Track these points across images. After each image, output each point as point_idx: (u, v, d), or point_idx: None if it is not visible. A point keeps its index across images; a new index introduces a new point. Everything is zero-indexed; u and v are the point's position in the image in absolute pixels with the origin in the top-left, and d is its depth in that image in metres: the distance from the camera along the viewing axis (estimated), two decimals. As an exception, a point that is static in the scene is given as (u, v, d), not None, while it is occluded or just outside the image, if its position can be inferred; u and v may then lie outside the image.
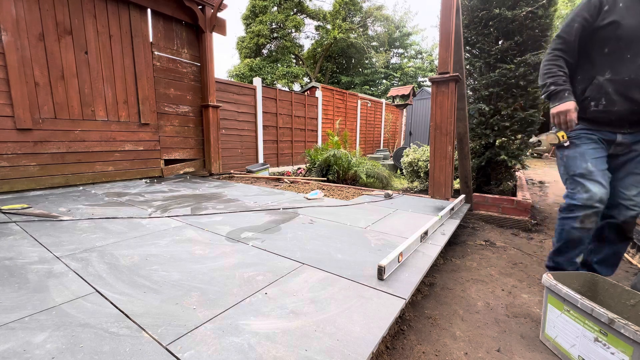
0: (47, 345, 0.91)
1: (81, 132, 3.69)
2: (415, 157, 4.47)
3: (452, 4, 2.80)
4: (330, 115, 9.60)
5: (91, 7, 3.66)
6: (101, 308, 1.11)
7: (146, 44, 4.22)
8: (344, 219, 2.34)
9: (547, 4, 3.24)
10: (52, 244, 1.75)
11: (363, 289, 1.27)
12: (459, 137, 3.19)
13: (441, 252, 2.15)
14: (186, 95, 4.77)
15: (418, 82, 21.36)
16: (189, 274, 1.39)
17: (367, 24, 20.22)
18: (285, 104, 7.79)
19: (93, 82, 3.75)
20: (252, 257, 1.60)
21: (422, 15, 52.58)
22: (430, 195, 3.16)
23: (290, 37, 18.61)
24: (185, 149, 4.86)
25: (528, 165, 4.05)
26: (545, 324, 1.34)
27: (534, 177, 6.94)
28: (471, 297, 1.73)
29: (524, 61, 3.31)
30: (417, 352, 1.27)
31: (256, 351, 0.90)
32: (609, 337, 1.05)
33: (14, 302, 1.14)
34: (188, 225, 2.16)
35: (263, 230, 2.05)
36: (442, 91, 2.94)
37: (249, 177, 4.92)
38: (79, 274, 1.38)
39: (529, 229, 2.98)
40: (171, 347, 0.91)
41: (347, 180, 5.06)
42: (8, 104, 3.14)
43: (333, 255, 1.63)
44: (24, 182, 3.31)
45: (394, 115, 13.17)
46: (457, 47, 2.95)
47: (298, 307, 1.13)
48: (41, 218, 2.26)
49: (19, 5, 3.14)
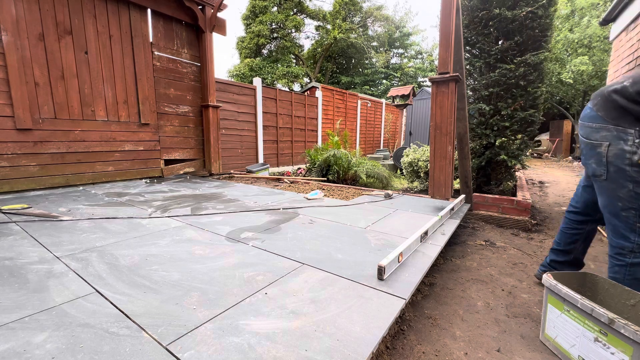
0: (47, 345, 0.91)
1: (81, 132, 3.69)
2: (415, 157, 4.47)
3: (452, 4, 2.80)
4: (330, 115, 9.60)
5: (91, 7, 3.66)
6: (101, 308, 1.11)
7: (146, 44, 4.22)
8: (344, 219, 2.34)
9: (547, 4, 3.24)
10: (52, 244, 1.75)
11: (363, 289, 1.27)
12: (459, 137, 3.19)
13: (441, 252, 2.15)
14: (186, 95, 4.77)
15: (418, 82, 21.36)
16: (189, 274, 1.39)
17: (367, 24, 20.22)
18: (285, 104, 7.79)
19: (93, 82, 3.75)
20: (252, 257, 1.60)
21: (422, 15, 52.61)
22: (430, 195, 3.16)
23: (290, 37, 18.60)
24: (185, 149, 4.86)
25: (528, 165, 4.06)
26: (545, 324, 1.34)
27: (534, 177, 6.94)
28: (471, 297, 1.73)
29: (524, 61, 3.31)
30: (417, 352, 1.27)
31: (256, 351, 0.90)
32: (609, 337, 1.05)
33: (14, 302, 1.14)
34: (188, 225, 2.16)
35: (263, 230, 2.05)
36: (442, 91, 2.94)
37: (249, 177, 4.92)
38: (79, 274, 1.38)
39: (529, 229, 2.98)
40: (171, 347, 0.91)
41: (347, 180, 5.06)
42: (8, 104, 3.14)
43: (333, 255, 1.63)
44: (24, 182, 3.31)
45: (394, 115, 13.17)
46: (457, 47, 2.95)
47: (298, 307, 1.13)
48: (41, 218, 2.26)
49: (19, 5, 3.14)
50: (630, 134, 1.25)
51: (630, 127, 1.25)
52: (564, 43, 10.68)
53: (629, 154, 1.25)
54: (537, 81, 3.38)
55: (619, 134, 1.27)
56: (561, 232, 1.80)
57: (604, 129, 1.33)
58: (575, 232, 1.73)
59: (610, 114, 1.32)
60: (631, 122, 1.25)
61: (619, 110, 1.30)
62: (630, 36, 3.56)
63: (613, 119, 1.31)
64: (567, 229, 1.76)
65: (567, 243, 1.76)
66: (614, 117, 1.31)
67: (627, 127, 1.26)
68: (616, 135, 1.29)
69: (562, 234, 1.79)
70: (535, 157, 12.36)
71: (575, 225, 1.73)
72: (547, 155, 12.66)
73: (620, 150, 1.27)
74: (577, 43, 10.55)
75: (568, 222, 1.77)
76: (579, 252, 1.77)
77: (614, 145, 1.29)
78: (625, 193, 1.30)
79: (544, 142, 13.24)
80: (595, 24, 10.08)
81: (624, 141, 1.26)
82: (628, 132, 1.25)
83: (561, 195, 4.85)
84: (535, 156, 12.66)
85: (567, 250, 1.77)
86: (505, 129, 3.54)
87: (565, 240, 1.77)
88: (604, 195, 1.41)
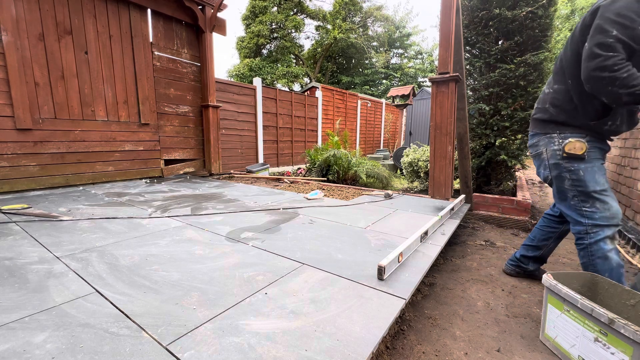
0: (47, 345, 0.91)
1: (81, 132, 3.69)
2: (415, 157, 4.47)
3: (452, 4, 2.80)
4: (330, 115, 9.60)
5: (91, 7, 3.66)
6: (101, 308, 1.11)
7: (146, 44, 4.22)
8: (344, 219, 2.34)
9: (547, 4, 3.24)
10: (52, 244, 1.75)
11: (363, 289, 1.27)
12: (459, 137, 3.19)
13: (441, 252, 2.15)
14: (186, 95, 4.77)
15: (418, 83, 21.37)
16: (189, 274, 1.39)
17: (367, 24, 20.21)
18: (285, 104, 7.79)
19: (93, 82, 3.75)
20: (252, 257, 1.60)
21: (422, 15, 52.58)
22: (430, 195, 3.16)
23: (290, 37, 18.60)
24: (185, 149, 4.86)
25: (528, 165, 4.06)
26: (545, 324, 1.34)
27: (534, 177, 6.94)
28: (471, 297, 1.73)
29: (524, 61, 3.31)
30: (417, 352, 1.27)
31: (256, 351, 0.90)
32: (609, 337, 1.05)
33: (14, 302, 1.14)
34: (188, 225, 2.16)
35: (263, 230, 2.05)
36: (442, 91, 2.94)
37: (249, 177, 4.92)
38: (79, 274, 1.38)
39: (529, 229, 2.98)
40: (171, 347, 0.91)
41: (347, 180, 5.06)
42: (8, 104, 3.14)
43: (333, 255, 1.63)
44: (24, 182, 3.31)
45: (394, 115, 13.17)
46: (457, 47, 2.95)
47: (298, 307, 1.13)
48: (41, 218, 2.26)
49: (19, 5, 3.14)
50: (555, 137, 1.59)
51: (553, 132, 1.60)
52: (564, 43, 10.69)
53: (558, 151, 1.57)
54: (537, 81, 3.38)
55: (549, 139, 1.62)
56: (537, 229, 1.92)
57: (540, 140, 1.68)
58: (551, 230, 1.86)
59: (539, 128, 1.69)
60: (553, 128, 1.61)
61: (542, 124, 1.67)
62: (630, 36, 3.55)
63: (541, 130, 1.67)
64: (543, 227, 1.89)
65: (541, 240, 1.89)
66: (541, 129, 1.67)
67: (552, 132, 1.61)
68: (547, 141, 1.63)
69: (537, 230, 1.92)
70: (535, 157, 12.34)
71: (552, 224, 1.86)
72: (547, 155, 12.63)
73: (552, 150, 1.60)
74: (577, 43, 10.53)
75: (545, 221, 1.90)
76: (548, 250, 1.90)
77: (548, 148, 1.62)
78: (567, 183, 1.56)
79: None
80: (595, 24, 10.05)
81: (553, 143, 1.60)
82: (553, 136, 1.60)
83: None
84: (535, 156, 12.64)
85: (539, 246, 1.89)
86: (505, 129, 3.54)
87: (540, 237, 1.89)
88: (558, 194, 1.65)
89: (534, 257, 1.92)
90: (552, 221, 1.86)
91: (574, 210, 1.56)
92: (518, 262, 1.97)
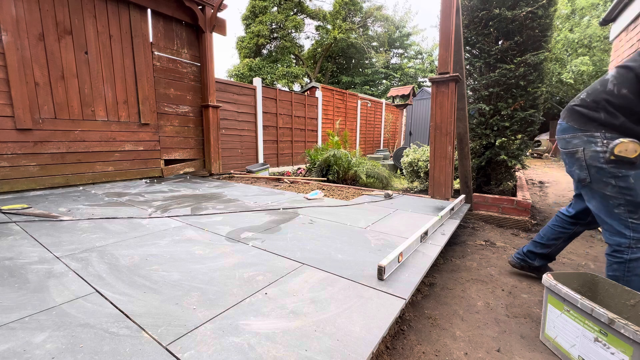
0: (47, 345, 0.91)
1: (81, 132, 3.69)
2: (415, 157, 4.47)
3: (452, 4, 2.80)
4: (330, 115, 9.60)
5: (91, 7, 3.66)
6: (101, 308, 1.11)
7: (146, 44, 4.22)
8: (344, 219, 2.34)
9: (547, 4, 3.24)
10: (52, 244, 1.75)
11: (363, 289, 1.27)
12: (459, 137, 3.19)
13: (441, 252, 2.15)
14: (186, 95, 4.77)
15: (418, 83, 21.37)
16: (189, 274, 1.39)
17: (367, 24, 20.22)
18: (285, 104, 7.79)
19: (93, 82, 3.75)
20: (252, 257, 1.60)
21: (422, 15, 52.60)
22: (430, 195, 3.16)
23: (290, 37, 18.60)
24: (185, 149, 4.86)
25: (528, 165, 4.06)
26: (545, 324, 1.34)
27: (534, 177, 6.94)
28: (471, 297, 1.73)
29: (524, 61, 3.31)
30: (417, 352, 1.27)
31: (256, 351, 0.90)
32: (609, 337, 1.05)
33: (14, 302, 1.14)
34: (188, 225, 2.16)
35: (263, 230, 2.05)
36: (442, 91, 2.94)
37: (249, 177, 4.92)
38: (79, 274, 1.38)
39: (529, 229, 2.98)
40: (171, 347, 0.91)
41: (347, 180, 5.06)
42: (8, 104, 3.14)
43: (333, 256, 1.63)
44: (24, 182, 3.31)
45: (394, 115, 13.17)
46: (457, 47, 2.95)
47: (298, 307, 1.13)
48: (41, 218, 2.26)
49: (19, 5, 3.14)
50: (598, 137, 1.40)
51: (597, 131, 1.41)
52: (564, 43, 10.69)
53: (602, 154, 1.38)
54: (537, 81, 3.38)
55: (589, 139, 1.43)
56: (548, 228, 1.87)
57: (575, 137, 1.49)
58: (562, 230, 1.81)
59: (578, 123, 1.49)
60: (596, 127, 1.42)
61: (583, 119, 1.46)
62: (630, 36, 3.56)
63: (581, 126, 1.47)
64: (555, 226, 1.84)
65: (551, 239, 1.85)
66: (581, 125, 1.47)
67: (594, 131, 1.42)
68: (587, 140, 1.44)
69: (548, 228, 1.87)
70: (535, 157, 12.36)
71: (565, 224, 1.81)
72: (547, 156, 12.65)
73: (593, 152, 1.41)
74: (577, 43, 10.56)
75: (558, 220, 1.84)
76: (556, 249, 1.87)
77: (587, 149, 1.43)
78: (611, 190, 1.38)
79: (544, 142, 13.24)
80: (596, 24, 10.09)
81: (594, 144, 1.41)
82: (595, 135, 1.41)
83: (561, 195, 4.85)
84: (535, 156, 12.66)
85: (547, 244, 1.86)
86: (505, 129, 3.54)
87: (550, 235, 1.85)
88: (595, 198, 1.48)
89: (540, 254, 1.89)
90: (565, 222, 1.80)
91: (617, 219, 1.38)
92: (524, 256, 1.95)
